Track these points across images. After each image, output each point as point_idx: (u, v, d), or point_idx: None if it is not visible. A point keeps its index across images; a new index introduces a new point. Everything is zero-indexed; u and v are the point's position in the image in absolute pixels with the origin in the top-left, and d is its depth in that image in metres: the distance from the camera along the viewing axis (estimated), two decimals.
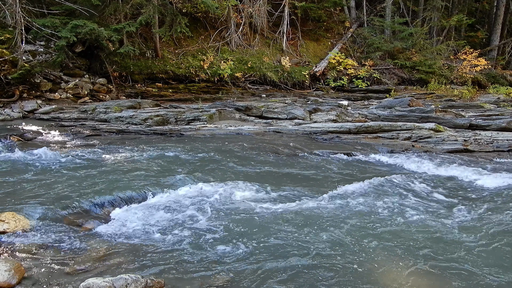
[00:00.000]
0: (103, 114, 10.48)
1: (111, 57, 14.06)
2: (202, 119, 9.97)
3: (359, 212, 4.36)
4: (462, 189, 5.40)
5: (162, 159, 6.39)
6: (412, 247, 3.59)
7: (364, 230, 3.91)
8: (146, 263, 3.26)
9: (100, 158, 6.41)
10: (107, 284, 2.65)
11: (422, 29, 18.16)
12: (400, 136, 8.53)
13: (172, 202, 4.60)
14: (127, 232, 3.83)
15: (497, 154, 7.36)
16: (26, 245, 3.44)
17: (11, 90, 11.47)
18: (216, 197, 4.77)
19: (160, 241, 3.65)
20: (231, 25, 16.80)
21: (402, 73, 17.63)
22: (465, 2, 21.58)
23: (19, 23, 10.97)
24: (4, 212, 3.81)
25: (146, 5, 13.82)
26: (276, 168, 6.15)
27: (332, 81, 16.78)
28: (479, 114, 11.29)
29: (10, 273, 2.85)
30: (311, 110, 10.74)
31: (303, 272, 3.18)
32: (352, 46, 18.74)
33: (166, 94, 14.46)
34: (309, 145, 7.74)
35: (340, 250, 3.50)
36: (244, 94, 15.53)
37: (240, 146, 7.48)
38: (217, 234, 3.79)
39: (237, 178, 5.44)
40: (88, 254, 3.36)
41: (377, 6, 20.38)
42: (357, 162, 6.77)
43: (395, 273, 3.18)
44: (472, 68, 17.43)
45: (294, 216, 4.22)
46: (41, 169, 5.69)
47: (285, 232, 3.86)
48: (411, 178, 5.62)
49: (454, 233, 3.88)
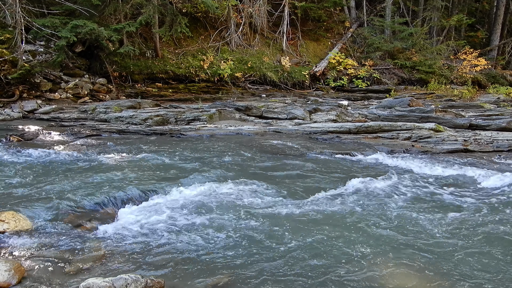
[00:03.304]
0: (103, 114, 10.49)
1: (111, 57, 14.07)
2: (202, 119, 9.97)
3: (358, 212, 4.37)
4: (462, 189, 5.40)
5: (162, 160, 6.39)
6: (412, 247, 3.59)
7: (363, 230, 3.92)
8: (146, 263, 3.26)
9: (100, 158, 6.41)
10: (107, 284, 2.65)
11: (422, 29, 18.17)
12: (400, 136, 8.53)
13: (172, 202, 4.60)
14: (127, 232, 3.83)
15: (497, 154, 7.36)
16: (26, 245, 3.44)
17: (11, 90, 11.48)
18: (216, 197, 4.77)
19: (160, 241, 3.65)
20: (231, 25, 16.81)
21: (402, 73, 17.64)
22: (465, 2, 21.59)
23: (19, 23, 10.97)
24: (4, 212, 3.81)
25: (146, 5, 13.83)
26: (276, 168, 6.15)
27: (332, 81, 16.78)
28: (479, 114, 11.28)
29: (10, 273, 2.85)
30: (311, 110, 10.74)
31: (303, 272, 3.18)
32: (352, 46, 18.74)
33: (166, 94, 14.47)
34: (309, 145, 7.74)
35: (339, 250, 3.51)
36: (244, 94, 15.53)
37: (240, 146, 7.48)
38: (217, 234, 3.79)
39: (237, 178, 5.44)
40: (88, 254, 3.36)
41: (377, 6, 20.39)
42: (357, 162, 6.77)
43: (394, 273, 3.18)
44: (472, 68, 17.44)
45: (294, 216, 4.23)
46: (41, 169, 5.69)
47: (285, 232, 3.86)
48: (411, 178, 5.62)
49: (454, 233, 3.88)
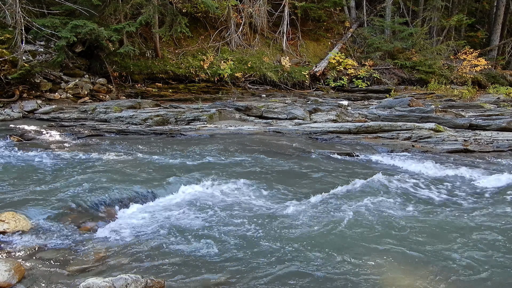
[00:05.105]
0: (103, 114, 10.48)
1: (111, 57, 14.06)
2: (202, 119, 9.97)
3: (358, 212, 4.36)
4: (462, 189, 5.40)
5: (162, 159, 6.39)
6: (412, 247, 3.59)
7: (363, 231, 3.91)
8: (146, 263, 3.26)
9: (100, 158, 6.41)
10: (107, 284, 2.65)
11: (422, 29, 18.16)
12: (400, 136, 8.53)
13: (172, 202, 4.61)
14: (127, 232, 3.83)
15: (497, 154, 7.36)
16: (26, 245, 3.44)
17: (11, 90, 11.47)
18: (216, 197, 4.77)
19: (160, 241, 3.65)
20: (231, 25, 16.80)
21: (402, 73, 17.63)
22: (465, 2, 21.57)
23: (19, 23, 10.97)
24: (4, 212, 3.81)
25: (146, 5, 13.82)
26: (276, 168, 6.15)
27: (332, 81, 16.78)
28: (479, 114, 11.28)
29: (10, 273, 2.85)
30: (311, 110, 10.74)
31: (303, 272, 3.18)
32: (352, 46, 18.74)
33: (166, 94, 14.46)
34: (309, 145, 7.74)
35: (339, 250, 3.51)
36: (244, 94, 15.52)
37: (240, 146, 7.48)
38: (217, 234, 3.78)
39: (237, 178, 5.44)
40: (88, 254, 3.36)
41: (377, 6, 20.38)
42: (357, 162, 6.77)
43: (395, 273, 3.18)
44: (472, 68, 17.42)
45: (294, 216, 4.23)
46: (41, 169, 5.69)
47: (284, 232, 3.86)
48: (410, 178, 5.62)
49: (454, 234, 3.88)
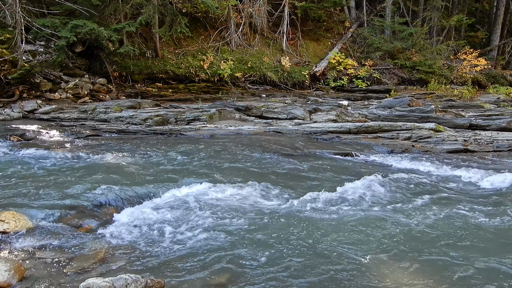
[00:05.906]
0: (103, 114, 10.48)
1: (111, 57, 14.06)
2: (202, 119, 9.97)
3: (358, 212, 4.36)
4: (462, 189, 5.40)
5: (162, 159, 6.39)
6: (411, 247, 3.59)
7: (363, 231, 3.91)
8: (146, 263, 3.26)
9: (100, 158, 6.41)
10: (107, 284, 2.65)
11: (422, 29, 18.17)
12: (400, 136, 8.53)
13: (172, 202, 4.60)
14: (127, 232, 3.83)
15: (497, 154, 7.36)
16: (26, 245, 3.44)
17: (11, 90, 11.47)
18: (216, 197, 4.77)
19: (160, 241, 3.65)
20: (231, 25, 16.80)
21: (402, 73, 17.63)
22: (465, 2, 21.58)
23: (19, 23, 10.97)
24: (4, 212, 3.81)
25: (146, 5, 13.82)
26: (276, 168, 6.15)
27: (332, 81, 16.78)
28: (479, 114, 11.28)
29: (10, 273, 2.85)
30: (311, 110, 10.74)
31: (303, 271, 3.18)
32: (352, 46, 18.74)
33: (166, 94, 14.46)
34: (309, 145, 7.74)
35: (339, 250, 3.51)
36: (244, 94, 15.52)
37: (240, 146, 7.48)
38: (217, 233, 3.78)
39: (237, 178, 5.44)
40: (88, 254, 3.36)
41: (377, 6, 20.39)
42: (357, 162, 6.77)
43: (395, 273, 3.18)
44: (472, 68, 17.42)
45: (294, 216, 4.23)
46: (41, 169, 5.69)
47: (284, 232, 3.86)
48: (410, 178, 5.62)
49: (454, 234, 3.88)
